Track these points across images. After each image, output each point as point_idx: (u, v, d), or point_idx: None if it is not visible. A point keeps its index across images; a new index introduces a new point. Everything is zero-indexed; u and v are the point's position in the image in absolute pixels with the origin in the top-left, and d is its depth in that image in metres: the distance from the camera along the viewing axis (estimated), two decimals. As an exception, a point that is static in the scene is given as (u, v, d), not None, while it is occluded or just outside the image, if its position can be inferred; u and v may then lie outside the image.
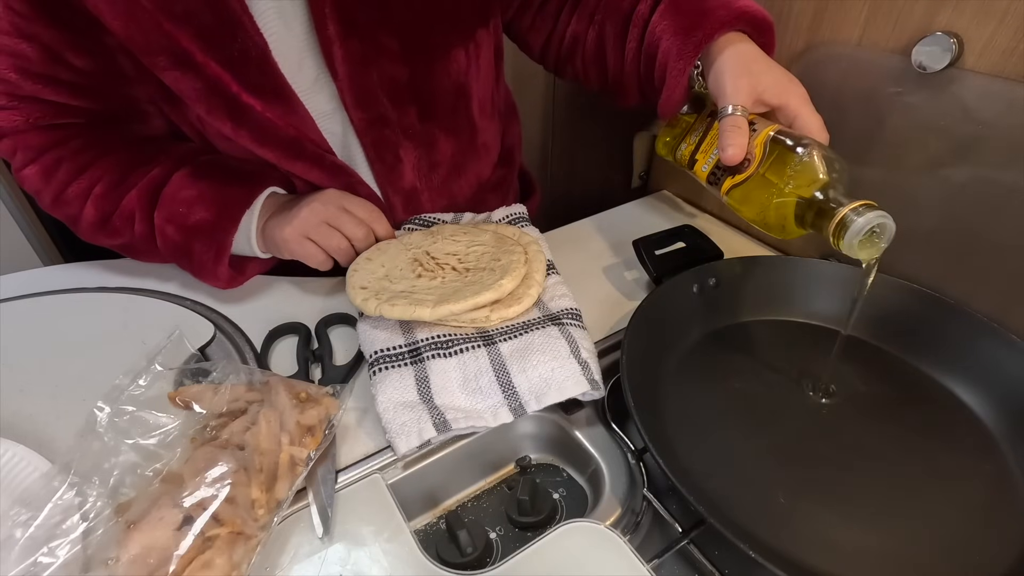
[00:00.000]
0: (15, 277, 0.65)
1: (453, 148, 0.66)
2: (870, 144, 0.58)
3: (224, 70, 0.51)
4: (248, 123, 0.54)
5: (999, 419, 0.49)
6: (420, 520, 0.48)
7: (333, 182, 0.61)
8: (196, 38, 0.50)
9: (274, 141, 0.56)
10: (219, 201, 0.57)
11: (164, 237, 0.57)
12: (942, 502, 0.44)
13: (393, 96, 0.58)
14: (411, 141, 0.62)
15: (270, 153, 0.57)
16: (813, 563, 0.40)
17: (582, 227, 0.77)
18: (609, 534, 0.40)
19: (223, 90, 0.52)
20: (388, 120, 0.60)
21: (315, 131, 0.58)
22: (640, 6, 0.57)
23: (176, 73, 0.51)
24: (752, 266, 0.61)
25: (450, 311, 0.50)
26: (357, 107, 0.57)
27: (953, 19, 0.49)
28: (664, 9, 0.55)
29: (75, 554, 0.37)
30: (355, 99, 0.57)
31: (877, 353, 0.56)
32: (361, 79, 0.56)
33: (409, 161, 0.63)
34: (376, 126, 0.60)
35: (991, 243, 0.53)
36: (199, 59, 0.50)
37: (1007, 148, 0.49)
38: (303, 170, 0.59)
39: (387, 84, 0.58)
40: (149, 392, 0.47)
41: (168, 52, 0.50)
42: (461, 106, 0.64)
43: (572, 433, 0.50)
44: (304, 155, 0.58)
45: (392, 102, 0.59)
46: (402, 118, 0.60)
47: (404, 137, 0.62)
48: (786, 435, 0.49)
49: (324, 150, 0.59)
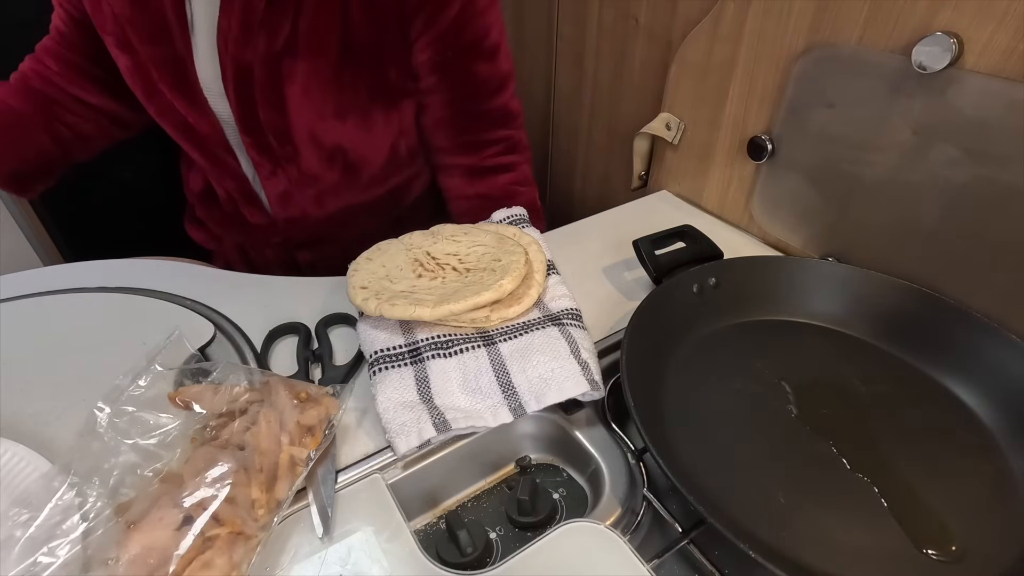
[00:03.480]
0: (15, 277, 0.65)
1: (327, 180, 0.76)
2: (870, 144, 0.58)
3: (150, 61, 0.66)
4: (155, 102, 0.69)
5: (999, 419, 0.49)
6: (420, 520, 0.48)
7: (211, 167, 0.74)
8: (135, 33, 0.64)
9: (169, 122, 0.70)
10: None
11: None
12: (942, 502, 0.44)
13: (275, 134, 0.70)
14: (289, 165, 0.73)
15: (167, 127, 0.71)
16: (813, 563, 0.40)
17: (582, 227, 0.77)
18: (609, 534, 0.40)
19: (145, 74, 0.67)
20: (271, 147, 0.71)
21: (213, 126, 0.70)
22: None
23: (117, 52, 0.67)
24: (752, 266, 0.61)
25: (450, 311, 0.50)
26: (245, 133, 0.69)
27: (953, 19, 0.49)
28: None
29: (75, 554, 0.37)
30: (243, 127, 0.69)
31: (877, 353, 0.56)
32: (249, 116, 0.68)
33: (285, 175, 0.74)
34: (260, 148, 0.71)
35: (991, 243, 0.53)
36: (136, 47, 0.65)
37: (1007, 148, 0.49)
38: (190, 149, 0.73)
39: (271, 125, 0.69)
40: (149, 392, 0.47)
41: (115, 35, 0.65)
42: (338, 155, 0.74)
43: (572, 433, 0.50)
44: (191, 140, 0.71)
45: (275, 138, 0.70)
46: (281, 150, 0.71)
47: (284, 161, 0.72)
48: (786, 435, 0.49)
49: (215, 144, 0.71)
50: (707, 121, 0.75)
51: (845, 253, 0.64)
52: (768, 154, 0.68)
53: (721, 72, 0.71)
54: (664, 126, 0.81)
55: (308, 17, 0.63)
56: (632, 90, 0.92)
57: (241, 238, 0.85)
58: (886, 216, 0.60)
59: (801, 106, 0.63)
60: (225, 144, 0.72)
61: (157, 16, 0.63)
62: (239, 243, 0.87)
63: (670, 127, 0.80)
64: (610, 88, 0.97)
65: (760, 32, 0.65)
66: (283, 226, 0.80)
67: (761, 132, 0.69)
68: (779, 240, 0.72)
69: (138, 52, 0.65)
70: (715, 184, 0.78)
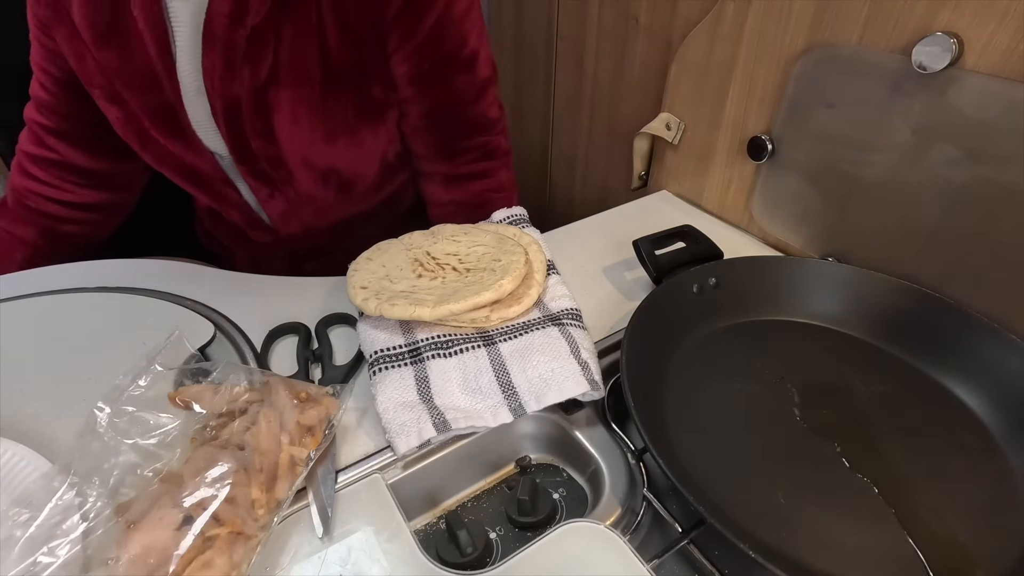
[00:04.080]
0: (15, 277, 0.65)
1: (324, 199, 0.77)
2: (870, 144, 0.58)
3: (141, 111, 0.66)
4: (151, 149, 0.70)
5: (999, 419, 0.49)
6: (420, 520, 0.48)
7: (215, 201, 0.76)
8: (124, 86, 0.65)
9: (169, 165, 0.71)
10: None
11: None
12: (942, 502, 0.44)
13: (268, 161, 0.71)
14: (286, 187, 0.74)
15: (167, 172, 0.72)
16: (813, 563, 0.40)
17: (582, 227, 0.77)
18: (609, 534, 0.40)
19: (137, 123, 0.67)
20: (266, 173, 0.72)
21: (210, 163, 0.71)
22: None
23: (107, 104, 0.67)
24: (752, 266, 0.61)
25: (450, 311, 0.50)
26: (239, 162, 0.70)
27: (953, 19, 0.49)
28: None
29: (75, 554, 0.37)
30: (238, 157, 0.70)
31: (877, 353, 0.56)
32: (242, 147, 0.69)
33: (282, 197, 0.75)
34: (255, 175, 0.72)
35: (991, 243, 0.53)
36: (125, 98, 0.66)
37: (1007, 148, 0.49)
38: (190, 188, 0.74)
39: (263, 153, 0.70)
40: (149, 392, 0.47)
41: (103, 88, 0.66)
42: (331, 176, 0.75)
43: (572, 433, 0.50)
44: (192, 179, 0.73)
45: (268, 164, 0.71)
46: (276, 174, 0.72)
47: (281, 183, 0.74)
48: (786, 435, 0.49)
49: (216, 179, 0.73)
50: (707, 121, 0.75)
51: (845, 253, 0.64)
52: (768, 154, 0.68)
53: (721, 72, 0.71)
54: (664, 126, 0.81)
55: (287, 47, 0.63)
56: (632, 90, 0.92)
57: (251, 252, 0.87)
58: (886, 216, 0.60)
59: (801, 106, 0.64)
60: (224, 177, 0.73)
61: (144, 65, 0.63)
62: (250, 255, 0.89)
63: (670, 127, 0.80)
64: (610, 88, 0.97)
65: (760, 32, 0.65)
66: (288, 241, 0.82)
67: (761, 132, 0.69)
68: (779, 240, 0.72)
69: (128, 103, 0.66)
70: (715, 184, 0.78)
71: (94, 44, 0.62)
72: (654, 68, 0.85)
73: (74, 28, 0.62)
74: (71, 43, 0.63)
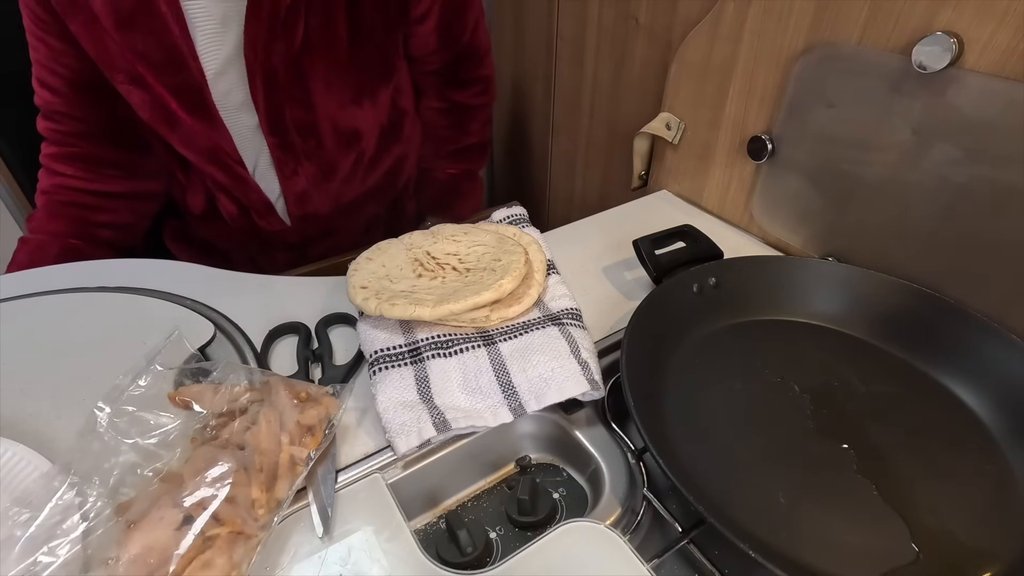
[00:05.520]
0: (15, 277, 0.65)
1: (343, 169, 0.82)
2: (870, 144, 0.58)
3: (166, 92, 0.67)
4: (178, 131, 0.70)
5: (999, 419, 0.49)
6: (420, 520, 0.48)
7: (234, 184, 0.77)
8: (149, 67, 0.65)
9: (195, 148, 0.72)
10: None
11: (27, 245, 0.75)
12: (943, 502, 0.44)
13: (300, 130, 0.74)
14: (310, 160, 0.78)
15: (192, 156, 0.73)
16: (813, 563, 0.40)
17: (582, 227, 0.77)
18: (609, 534, 0.40)
19: (164, 105, 0.68)
20: (294, 145, 0.75)
21: (230, 144, 0.73)
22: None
23: (129, 87, 0.67)
24: (752, 266, 0.61)
25: (450, 311, 0.50)
26: (271, 134, 0.73)
27: (953, 19, 0.49)
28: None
29: (75, 554, 0.37)
30: (270, 128, 0.73)
31: (877, 353, 0.56)
32: (276, 117, 0.72)
33: (305, 174, 0.79)
34: (284, 147, 0.75)
35: (991, 243, 0.53)
36: (149, 81, 0.66)
37: (1007, 148, 0.49)
38: (213, 172, 0.75)
39: (296, 122, 0.73)
40: (149, 392, 0.47)
41: (126, 72, 0.66)
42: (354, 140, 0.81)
43: (572, 433, 0.50)
44: (216, 161, 0.74)
45: (299, 135, 0.75)
46: (304, 145, 0.76)
47: (304, 158, 0.77)
48: (786, 435, 0.49)
49: (234, 160, 0.74)
50: (707, 121, 0.75)
51: (845, 253, 0.64)
52: (768, 154, 0.68)
53: (721, 72, 0.71)
54: (664, 126, 0.81)
55: (318, 12, 0.66)
56: (632, 90, 0.92)
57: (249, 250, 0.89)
58: (886, 216, 0.60)
59: (801, 106, 0.63)
60: (240, 159, 0.75)
61: (170, 46, 0.64)
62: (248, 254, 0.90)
63: (670, 127, 0.80)
64: (610, 88, 0.97)
65: (760, 32, 0.65)
66: (297, 226, 0.85)
67: (761, 132, 0.69)
68: (779, 240, 0.72)
69: (152, 85, 0.66)
70: (715, 184, 0.78)
71: (116, 28, 0.63)
72: (654, 68, 0.85)
73: (92, 15, 0.62)
74: (89, 29, 0.63)
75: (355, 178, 0.85)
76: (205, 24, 0.64)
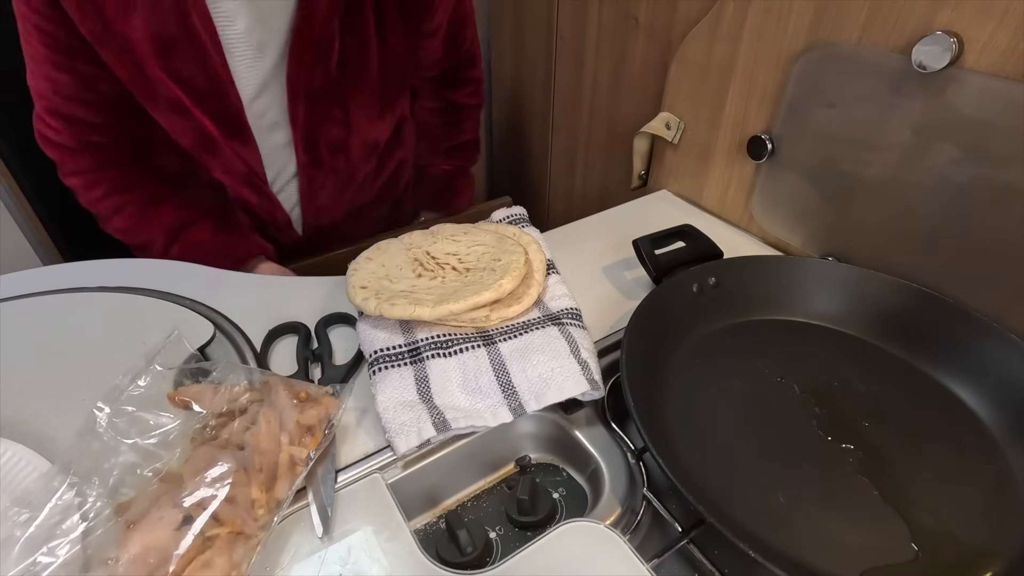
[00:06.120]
0: (15, 277, 0.65)
1: (362, 178, 0.86)
2: (870, 143, 0.58)
3: (206, 118, 0.67)
4: (219, 156, 0.71)
5: (999, 419, 0.49)
6: (420, 520, 0.48)
7: (261, 204, 0.80)
8: (190, 95, 0.65)
9: (233, 172, 0.74)
10: (223, 253, 0.75)
11: (172, 257, 0.75)
12: (942, 502, 0.44)
13: (331, 148, 0.78)
14: (336, 175, 0.82)
15: (228, 180, 0.75)
16: (813, 563, 0.40)
17: (582, 227, 0.77)
18: (609, 534, 0.40)
19: (204, 131, 0.68)
20: (324, 162, 0.78)
21: (258, 164, 0.74)
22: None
23: (171, 115, 0.67)
24: (752, 266, 0.61)
25: (450, 311, 0.50)
26: (305, 152, 0.76)
27: (953, 19, 0.49)
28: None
29: (75, 554, 0.37)
30: (304, 146, 0.75)
31: (877, 353, 0.56)
32: (312, 136, 0.75)
33: (329, 187, 0.83)
34: (314, 165, 0.78)
35: (991, 243, 0.53)
36: (190, 107, 0.66)
37: (1007, 148, 0.49)
38: (247, 194, 0.77)
39: (330, 140, 0.77)
40: (149, 392, 0.47)
41: (167, 100, 0.65)
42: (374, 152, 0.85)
43: (572, 433, 0.50)
44: (250, 184, 0.76)
45: (330, 152, 0.78)
46: (333, 161, 0.79)
47: (332, 173, 0.81)
48: (786, 435, 0.49)
49: (261, 181, 0.77)
50: (707, 121, 0.75)
51: (845, 253, 0.64)
52: (768, 154, 0.68)
53: (721, 72, 0.71)
54: (664, 125, 0.81)
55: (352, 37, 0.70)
56: (632, 90, 0.92)
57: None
58: (886, 216, 0.60)
59: (801, 106, 0.63)
60: (265, 178, 0.77)
61: (210, 71, 0.64)
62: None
63: (670, 126, 0.80)
64: (610, 88, 0.97)
65: (760, 32, 0.65)
66: (309, 235, 0.88)
67: (761, 132, 0.69)
68: (779, 240, 0.72)
69: (193, 112, 0.66)
70: (715, 184, 0.78)
71: (157, 55, 0.61)
72: (654, 68, 0.85)
73: (126, 43, 0.60)
74: (124, 58, 0.62)
75: (366, 186, 0.88)
76: (242, 48, 0.65)
